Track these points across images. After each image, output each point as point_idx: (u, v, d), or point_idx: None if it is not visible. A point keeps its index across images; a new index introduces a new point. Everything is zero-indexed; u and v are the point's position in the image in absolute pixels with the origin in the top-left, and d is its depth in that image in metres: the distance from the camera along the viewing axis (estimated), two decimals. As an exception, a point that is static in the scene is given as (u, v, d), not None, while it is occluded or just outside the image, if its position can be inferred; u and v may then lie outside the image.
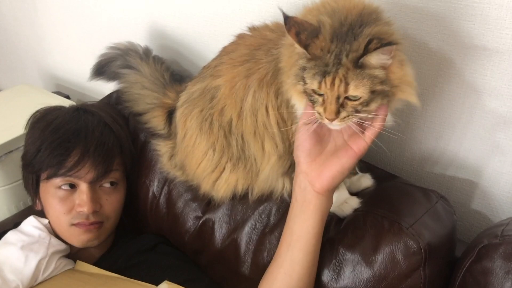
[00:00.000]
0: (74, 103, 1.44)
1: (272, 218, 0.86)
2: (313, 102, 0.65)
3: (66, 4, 1.50)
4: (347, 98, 0.63)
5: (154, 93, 1.00)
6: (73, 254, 0.97)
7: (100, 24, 1.44)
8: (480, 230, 0.90)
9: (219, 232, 0.91)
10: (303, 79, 0.65)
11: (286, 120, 0.77)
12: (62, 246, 0.94)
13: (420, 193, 0.82)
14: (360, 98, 0.62)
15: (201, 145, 0.84)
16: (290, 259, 0.75)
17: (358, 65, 0.61)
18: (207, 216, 0.94)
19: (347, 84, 0.61)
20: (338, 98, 0.63)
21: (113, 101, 1.14)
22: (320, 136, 0.71)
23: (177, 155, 0.93)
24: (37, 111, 1.04)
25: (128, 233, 1.07)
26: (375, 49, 0.59)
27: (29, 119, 1.03)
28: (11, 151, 1.31)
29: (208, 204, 0.94)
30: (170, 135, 0.97)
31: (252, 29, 0.82)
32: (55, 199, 0.94)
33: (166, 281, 0.79)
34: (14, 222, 1.09)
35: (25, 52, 1.85)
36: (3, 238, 0.93)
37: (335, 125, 0.65)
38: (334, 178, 0.70)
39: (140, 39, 1.30)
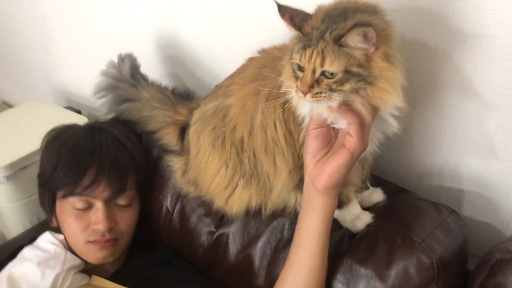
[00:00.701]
0: (86, 118, 1.47)
1: (285, 233, 0.87)
2: (296, 79, 0.67)
3: (76, 19, 1.53)
4: (323, 75, 0.64)
5: (165, 111, 1.02)
6: (87, 269, 0.98)
7: (110, 38, 1.46)
8: (491, 242, 0.91)
9: (233, 247, 0.93)
10: (292, 58, 0.68)
11: (293, 133, 0.78)
12: (77, 261, 0.96)
13: (431, 208, 0.83)
14: (335, 76, 0.63)
15: (214, 162, 0.86)
16: (298, 259, 0.77)
17: (338, 42, 0.63)
18: (220, 231, 0.95)
19: (323, 58, 0.63)
20: (314, 71, 0.64)
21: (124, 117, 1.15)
22: (327, 139, 0.72)
23: (190, 171, 0.95)
24: (51, 130, 1.06)
25: (141, 248, 1.09)
26: (351, 27, 0.61)
27: (44, 137, 1.05)
28: (25, 167, 1.33)
29: (221, 219, 0.96)
30: (182, 151, 0.99)
31: (261, 51, 0.85)
32: (71, 217, 0.96)
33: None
34: (29, 237, 1.10)
35: (35, 68, 1.88)
36: (19, 254, 0.95)
37: (308, 100, 0.66)
38: (332, 175, 0.71)
39: (151, 53, 1.34)
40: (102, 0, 1.41)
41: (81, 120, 1.45)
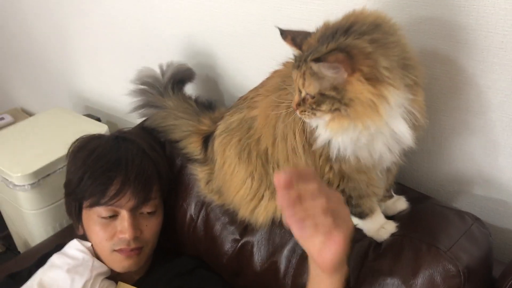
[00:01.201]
0: (106, 126, 1.49)
1: (310, 242, 0.88)
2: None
3: (97, 28, 1.56)
4: (308, 94, 0.68)
5: (189, 121, 1.04)
6: (112, 276, 1.00)
7: (131, 47, 1.48)
8: (515, 249, 0.91)
9: (258, 255, 0.94)
10: None
11: (311, 143, 0.79)
12: (104, 268, 0.98)
13: (455, 216, 0.84)
14: (314, 97, 0.67)
15: (240, 174, 0.87)
16: None
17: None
18: (245, 239, 0.96)
19: (303, 80, 0.67)
20: (300, 91, 0.69)
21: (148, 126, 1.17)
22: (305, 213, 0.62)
23: (214, 181, 0.96)
24: (76, 140, 1.07)
25: (165, 255, 1.10)
26: (312, 60, 0.63)
27: (70, 147, 1.06)
28: (48, 175, 1.35)
29: (245, 227, 0.97)
30: (206, 160, 1.01)
31: (286, 63, 0.86)
32: (97, 226, 0.97)
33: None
34: (54, 244, 1.13)
35: (55, 76, 1.91)
36: (49, 261, 0.97)
37: (298, 115, 0.71)
38: (334, 259, 0.64)
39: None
40: (122, 11, 1.43)
41: (101, 127, 1.48)
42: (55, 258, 0.97)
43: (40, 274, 0.93)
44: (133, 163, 0.99)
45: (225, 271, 1.01)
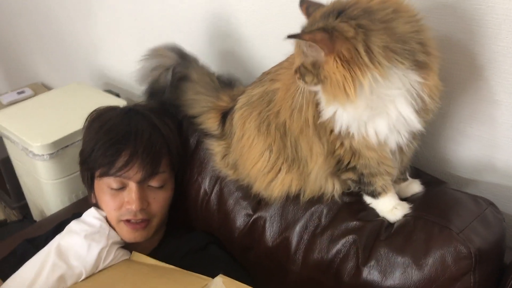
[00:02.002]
0: (125, 102, 1.51)
1: (323, 220, 0.89)
2: None
3: (120, 6, 1.57)
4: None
5: (208, 97, 1.05)
6: (126, 246, 1.02)
7: (152, 25, 1.49)
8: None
9: (270, 230, 0.95)
10: None
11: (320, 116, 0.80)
12: (118, 237, 1.00)
13: (469, 200, 0.84)
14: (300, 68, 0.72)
15: (258, 146, 0.88)
16: None
17: None
18: (258, 214, 0.98)
19: (297, 51, 0.73)
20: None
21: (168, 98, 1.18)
22: None
23: (231, 154, 0.97)
24: (93, 111, 1.10)
25: (178, 227, 1.13)
26: (289, 36, 0.68)
27: (87, 118, 1.09)
28: (66, 146, 1.38)
29: (258, 202, 0.98)
30: (223, 135, 1.02)
31: None
32: (107, 196, 1.00)
33: (221, 275, 0.83)
34: (71, 213, 1.16)
35: (76, 52, 1.94)
36: (67, 227, 0.99)
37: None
38: None
39: (191, 40, 1.35)
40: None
41: (120, 103, 1.50)
42: (73, 225, 0.99)
43: (58, 239, 0.96)
44: (142, 137, 1.00)
45: (237, 246, 1.03)
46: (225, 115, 1.01)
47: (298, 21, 0.73)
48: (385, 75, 0.67)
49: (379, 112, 0.72)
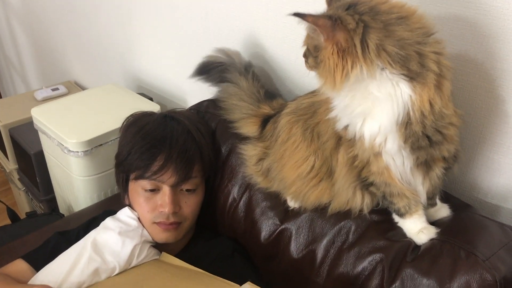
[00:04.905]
0: (158, 106, 1.56)
1: (351, 236, 0.91)
2: None
3: (159, 14, 1.61)
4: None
5: (250, 105, 1.09)
6: (156, 246, 1.05)
7: (190, 34, 1.52)
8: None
9: (297, 241, 0.97)
10: None
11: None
12: (150, 237, 1.04)
13: (496, 227, 0.85)
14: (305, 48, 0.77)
15: (302, 150, 0.91)
16: None
17: None
18: (285, 225, 1.00)
19: (306, 35, 0.77)
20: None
21: (202, 109, 1.23)
22: None
23: (268, 157, 1.00)
24: (130, 116, 1.15)
25: (205, 231, 1.16)
26: (296, 14, 0.70)
27: (124, 122, 1.14)
28: (100, 145, 1.43)
29: (286, 213, 1.01)
30: (261, 138, 1.05)
31: None
32: (141, 198, 1.04)
33: (249, 282, 0.86)
34: (102, 210, 1.20)
35: (112, 54, 1.99)
36: (102, 224, 1.04)
37: None
38: None
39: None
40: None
41: (154, 106, 1.55)
42: (109, 221, 1.04)
43: (94, 234, 1.00)
44: (177, 142, 1.04)
45: (259, 255, 1.05)
46: (265, 121, 1.06)
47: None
48: (373, 72, 0.70)
49: (368, 112, 0.74)
